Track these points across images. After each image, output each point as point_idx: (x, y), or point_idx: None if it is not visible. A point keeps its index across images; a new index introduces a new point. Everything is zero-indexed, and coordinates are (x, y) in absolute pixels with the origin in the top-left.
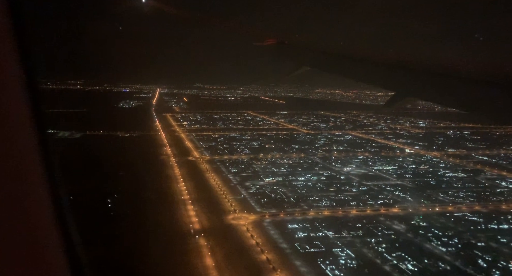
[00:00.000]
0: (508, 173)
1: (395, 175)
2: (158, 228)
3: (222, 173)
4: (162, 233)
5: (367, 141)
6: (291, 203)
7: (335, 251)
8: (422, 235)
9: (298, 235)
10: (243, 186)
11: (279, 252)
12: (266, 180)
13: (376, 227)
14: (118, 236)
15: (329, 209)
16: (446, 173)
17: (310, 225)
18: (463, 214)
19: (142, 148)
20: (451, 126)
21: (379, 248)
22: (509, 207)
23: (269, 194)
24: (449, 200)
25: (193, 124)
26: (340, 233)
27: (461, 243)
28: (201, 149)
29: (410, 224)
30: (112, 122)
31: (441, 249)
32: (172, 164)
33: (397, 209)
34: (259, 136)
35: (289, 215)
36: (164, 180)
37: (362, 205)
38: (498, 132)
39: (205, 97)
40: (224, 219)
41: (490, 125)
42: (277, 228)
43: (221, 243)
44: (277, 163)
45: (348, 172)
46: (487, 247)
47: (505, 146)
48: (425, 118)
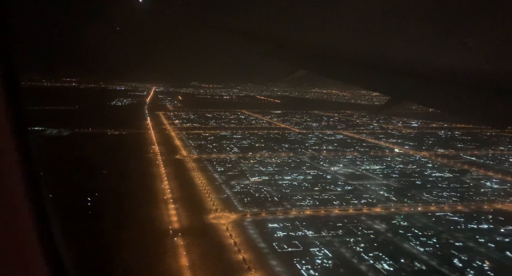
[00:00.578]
0: (494, 173)
1: (382, 174)
2: (135, 227)
3: (208, 171)
4: (139, 232)
5: (358, 141)
6: (274, 202)
7: (312, 251)
8: (401, 234)
9: (278, 234)
10: (228, 185)
11: (256, 251)
12: (252, 179)
13: (357, 227)
14: (93, 236)
15: (311, 208)
16: (433, 173)
17: (290, 225)
18: (445, 213)
19: (129, 146)
20: (443, 127)
21: (357, 248)
22: (491, 207)
23: (253, 193)
24: (433, 200)
25: (184, 122)
26: (320, 232)
27: (439, 243)
28: (190, 147)
29: (391, 223)
30: (102, 120)
31: (419, 249)
32: (158, 162)
33: (379, 209)
34: (250, 135)
35: (270, 214)
36: (148, 178)
37: (345, 204)
38: (488, 133)
39: (200, 95)
40: (204, 218)
41: (481, 126)
42: (257, 227)
43: (199, 242)
44: (265, 162)
45: (335, 171)
46: (464, 247)
47: (493, 146)
48: (417, 119)
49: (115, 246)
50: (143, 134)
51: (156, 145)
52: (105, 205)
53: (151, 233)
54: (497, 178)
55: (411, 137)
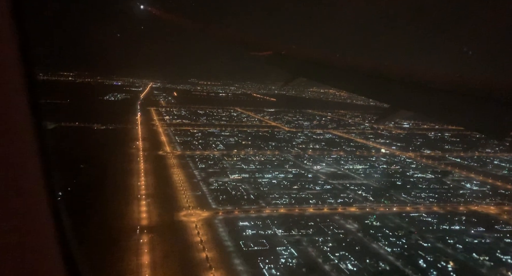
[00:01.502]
0: (476, 175)
1: (364, 174)
2: (102, 224)
3: (188, 168)
4: (105, 229)
5: (346, 140)
6: (250, 200)
7: (278, 250)
8: (371, 234)
9: (247, 232)
10: (206, 182)
11: (222, 250)
12: (231, 177)
13: (328, 226)
14: None
15: (286, 206)
16: (415, 174)
17: (261, 223)
18: (419, 214)
19: (113, 141)
20: (434, 128)
21: (325, 247)
22: (466, 208)
23: (230, 190)
24: (410, 201)
25: (175, 118)
26: (290, 231)
27: (408, 244)
28: (175, 143)
29: (363, 223)
30: (91, 115)
31: (386, 249)
32: (139, 158)
33: (354, 208)
34: (239, 133)
35: (243, 212)
36: (124, 174)
37: (321, 203)
38: (478, 135)
39: (196, 92)
40: (175, 215)
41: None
42: (227, 225)
43: (164, 240)
44: (248, 160)
45: (317, 170)
46: (432, 248)
47: (481, 149)
48: (410, 120)
49: (76, 243)
50: (129, 130)
51: (140, 140)
52: (74, 201)
53: (116, 230)
54: (478, 180)
55: (400, 138)
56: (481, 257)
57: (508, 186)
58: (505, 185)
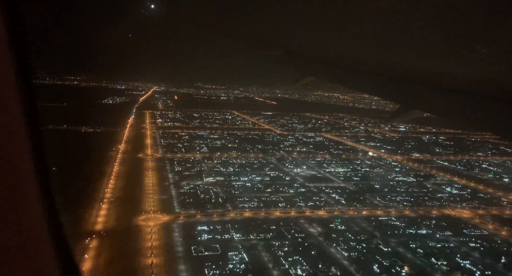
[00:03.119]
0: (460, 178)
1: (343, 177)
2: None
3: (164, 171)
4: None
5: (336, 143)
6: (217, 204)
7: (230, 255)
8: (332, 238)
9: (202, 237)
10: (177, 186)
11: (170, 255)
12: (205, 180)
13: (289, 230)
14: None
15: (253, 210)
16: (396, 177)
17: (221, 227)
18: (388, 218)
19: (95, 144)
20: (429, 132)
21: (279, 252)
22: (439, 212)
23: (199, 194)
24: (383, 204)
25: (167, 121)
26: (248, 235)
27: (367, 248)
28: (159, 146)
29: (327, 227)
30: (84, 118)
31: (343, 254)
32: (116, 161)
33: (323, 212)
34: (228, 136)
35: (206, 216)
36: (95, 177)
37: (290, 206)
38: (473, 139)
39: (198, 96)
40: (133, 219)
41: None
42: (184, 229)
43: (114, 245)
44: (229, 163)
45: (296, 173)
46: (392, 253)
47: (472, 152)
48: (407, 123)
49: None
50: (117, 132)
51: (124, 143)
52: None
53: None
54: (459, 184)
55: (392, 141)
56: (439, 262)
57: (489, 190)
58: (486, 189)
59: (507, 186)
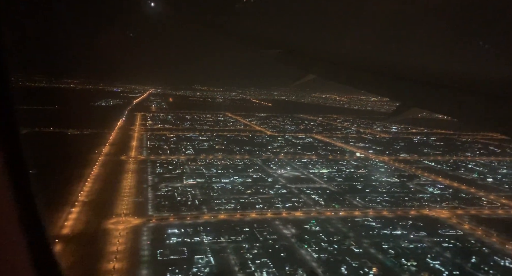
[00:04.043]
0: (444, 179)
1: (326, 178)
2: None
3: (144, 173)
4: None
5: (325, 144)
6: (192, 206)
7: (196, 258)
8: (304, 240)
9: (171, 241)
10: (155, 188)
11: (134, 260)
12: (185, 182)
13: (262, 232)
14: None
15: (228, 212)
16: (380, 178)
17: (192, 230)
18: (365, 219)
19: (78, 146)
20: (421, 132)
21: (248, 254)
22: (418, 213)
23: (176, 196)
24: (362, 205)
25: (158, 123)
26: (219, 238)
27: (338, 249)
28: (144, 148)
29: (302, 228)
30: (72, 120)
31: (313, 256)
32: (96, 164)
33: (300, 213)
34: (217, 138)
35: (178, 219)
36: (71, 180)
37: (267, 208)
38: (464, 139)
39: (193, 98)
40: (103, 223)
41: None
42: (153, 233)
43: (77, 250)
44: (213, 164)
45: (280, 175)
46: (363, 254)
47: (460, 152)
48: (399, 124)
49: None
50: (103, 135)
51: (108, 145)
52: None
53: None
54: (442, 184)
55: (382, 142)
56: (408, 263)
57: (471, 190)
58: (469, 189)
59: (490, 185)
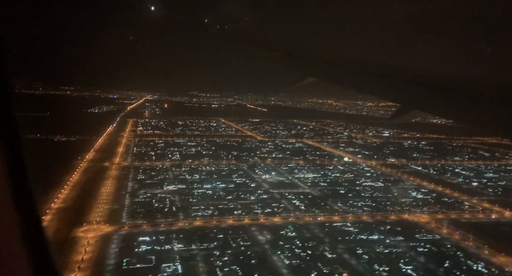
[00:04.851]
0: (428, 183)
1: (311, 183)
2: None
3: (125, 180)
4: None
5: (314, 149)
6: (169, 213)
7: (163, 267)
8: (278, 246)
9: (140, 249)
10: (133, 195)
11: (97, 269)
12: (165, 188)
13: (236, 238)
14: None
15: (205, 219)
16: (364, 182)
17: (164, 237)
18: (343, 224)
19: (62, 153)
20: (413, 137)
21: (218, 262)
22: (397, 217)
23: (153, 203)
24: (343, 210)
25: (148, 130)
26: (190, 245)
27: (311, 255)
28: (129, 154)
29: (277, 234)
30: (61, 127)
31: (284, 262)
32: (76, 170)
33: (278, 219)
34: (206, 143)
35: (152, 226)
36: (47, 187)
37: (246, 214)
38: (454, 144)
39: (189, 104)
40: (73, 231)
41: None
42: (123, 241)
43: None
44: (197, 170)
45: (264, 180)
46: (335, 259)
47: (449, 157)
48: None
49: None
50: (91, 141)
51: (94, 151)
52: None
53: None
54: (427, 188)
55: (372, 146)
56: (381, 268)
57: (454, 194)
58: (452, 193)
59: (474, 189)
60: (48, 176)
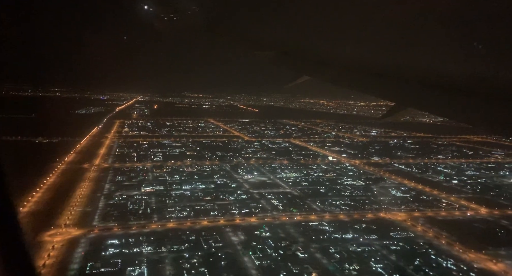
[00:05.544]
0: (409, 181)
1: (292, 182)
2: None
3: (102, 182)
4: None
5: (300, 149)
6: (142, 215)
7: (128, 271)
8: (250, 247)
9: (107, 252)
10: (108, 197)
11: (60, 274)
12: (143, 190)
13: (208, 240)
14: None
15: (179, 220)
16: (346, 181)
17: (134, 240)
18: (319, 223)
19: (41, 155)
20: (400, 136)
21: (186, 264)
22: (374, 216)
23: (127, 205)
24: (321, 209)
25: (134, 131)
26: (160, 248)
27: (283, 255)
28: (111, 156)
29: (251, 235)
30: (45, 128)
31: (255, 263)
32: (53, 172)
33: (254, 219)
34: (191, 144)
35: (123, 229)
36: (20, 190)
37: (222, 215)
38: (440, 142)
39: (180, 105)
40: (39, 235)
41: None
42: (91, 245)
43: None
44: (179, 171)
45: (245, 180)
46: (306, 259)
47: (433, 155)
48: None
49: None
50: (73, 143)
51: (74, 153)
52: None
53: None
54: (407, 187)
55: (358, 146)
56: (351, 267)
57: (434, 192)
58: (432, 191)
59: (453, 187)
60: (22, 178)
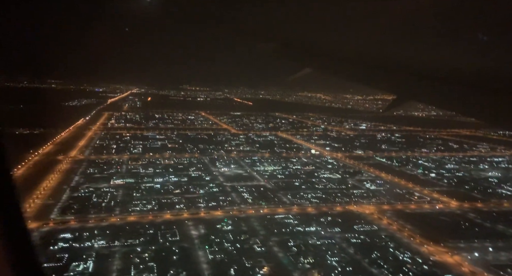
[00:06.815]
0: (386, 174)
1: (268, 175)
2: None
3: (72, 174)
4: None
5: (285, 142)
6: (104, 208)
7: (72, 266)
8: (207, 241)
9: (56, 246)
10: (74, 189)
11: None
12: (112, 182)
13: (166, 234)
14: None
15: (142, 214)
16: (322, 174)
17: (88, 234)
18: (285, 216)
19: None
20: (389, 129)
21: (136, 259)
22: (343, 209)
23: (92, 198)
24: (290, 202)
25: (121, 123)
26: (114, 242)
27: (239, 249)
28: (89, 148)
29: (212, 228)
30: (29, 119)
31: (208, 257)
32: (24, 164)
33: (220, 212)
34: (176, 136)
35: (80, 222)
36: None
37: (187, 208)
38: (427, 136)
39: (175, 98)
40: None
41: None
42: (41, 238)
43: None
44: (155, 164)
45: (221, 173)
46: (262, 253)
47: (417, 149)
48: (370, 121)
49: None
50: (54, 134)
51: (52, 144)
52: None
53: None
54: (382, 180)
55: (345, 139)
56: (306, 260)
57: (408, 185)
58: (406, 184)
59: (429, 181)
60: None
